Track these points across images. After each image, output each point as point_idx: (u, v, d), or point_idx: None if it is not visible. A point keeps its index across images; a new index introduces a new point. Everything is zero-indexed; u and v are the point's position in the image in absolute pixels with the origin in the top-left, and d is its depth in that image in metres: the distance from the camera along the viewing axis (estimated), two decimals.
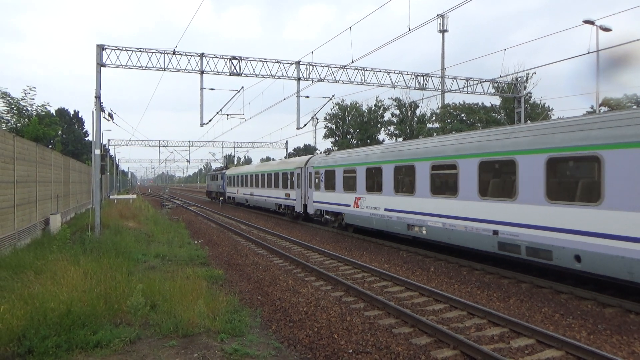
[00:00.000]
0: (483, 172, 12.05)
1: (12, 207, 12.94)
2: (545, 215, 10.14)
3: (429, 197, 14.09)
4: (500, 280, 11.47)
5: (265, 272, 12.55)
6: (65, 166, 23.21)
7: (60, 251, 11.82)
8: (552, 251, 9.99)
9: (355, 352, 6.78)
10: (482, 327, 8.05)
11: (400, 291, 10.59)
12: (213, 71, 21.10)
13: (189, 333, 7.07)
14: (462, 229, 12.65)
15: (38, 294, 7.50)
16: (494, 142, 11.79)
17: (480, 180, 12.10)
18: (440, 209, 13.55)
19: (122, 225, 19.65)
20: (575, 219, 9.48)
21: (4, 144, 12.34)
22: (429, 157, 14.09)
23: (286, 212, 28.37)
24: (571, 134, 9.74)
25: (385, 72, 24.11)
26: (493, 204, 11.63)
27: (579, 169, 10.20)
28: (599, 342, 7.30)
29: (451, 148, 13.28)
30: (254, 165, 40.33)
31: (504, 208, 11.29)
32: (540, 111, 37.52)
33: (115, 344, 6.49)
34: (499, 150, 11.52)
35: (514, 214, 10.99)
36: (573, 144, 9.57)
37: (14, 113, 22.56)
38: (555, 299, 9.72)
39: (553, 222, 9.95)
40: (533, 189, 10.42)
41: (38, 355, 6.03)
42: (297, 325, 8.04)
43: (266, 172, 32.12)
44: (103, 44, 18.91)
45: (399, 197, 15.81)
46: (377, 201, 17.12)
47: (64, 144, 47.12)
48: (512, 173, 11.11)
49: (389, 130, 52.87)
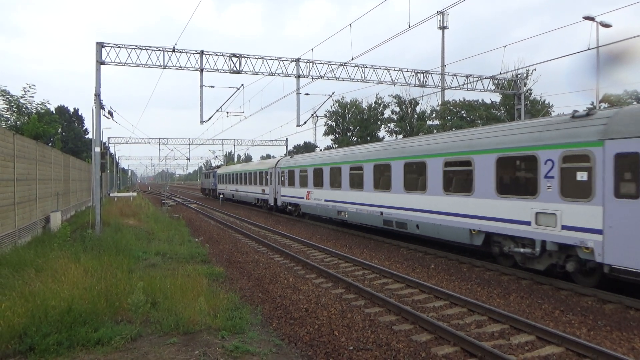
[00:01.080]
0: (377, 172, 17.48)
1: (13, 205, 12.94)
2: (404, 200, 15.67)
3: (349, 190, 19.62)
4: (501, 277, 11.49)
5: (266, 270, 12.56)
6: (66, 164, 23.21)
7: (61, 249, 11.84)
8: (407, 223, 15.54)
9: (355, 349, 6.79)
10: (483, 323, 8.07)
11: (401, 288, 10.61)
12: (213, 69, 21.06)
13: (189, 330, 7.09)
14: (366, 212, 18.22)
15: (39, 292, 7.51)
16: (381, 151, 17.56)
17: (374, 178, 17.57)
18: (354, 199, 19.14)
19: (122, 223, 19.67)
20: (416, 202, 14.97)
21: (4, 141, 12.33)
22: (348, 161, 19.84)
23: (262, 205, 33.97)
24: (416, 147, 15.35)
25: (385, 69, 24.08)
26: (381, 194, 17.07)
27: (418, 169, 15.09)
28: (599, 339, 7.32)
29: (359, 155, 19.12)
30: (239, 166, 45.50)
31: (386, 197, 16.74)
32: (541, 108, 37.50)
33: (116, 342, 6.51)
34: (382, 157, 17.20)
35: (390, 201, 16.46)
36: (417, 154, 15.12)
37: (14, 111, 22.53)
38: (555, 296, 9.74)
39: (407, 204, 15.49)
40: (399, 183, 15.92)
41: (39, 352, 6.05)
42: (297, 323, 8.05)
43: (248, 171, 37.67)
44: (102, 42, 18.88)
45: (332, 190, 21.33)
46: (320, 194, 22.67)
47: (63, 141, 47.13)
48: (387, 173, 16.66)
49: (389, 128, 52.85)
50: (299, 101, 23.86)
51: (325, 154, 24.36)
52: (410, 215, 15.22)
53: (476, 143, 12.56)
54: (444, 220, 13.59)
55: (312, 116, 33.46)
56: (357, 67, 23.45)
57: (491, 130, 12.59)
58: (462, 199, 12.91)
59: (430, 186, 14.22)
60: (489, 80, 26.93)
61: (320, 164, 22.63)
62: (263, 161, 39.51)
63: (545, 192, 10.32)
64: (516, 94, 28.00)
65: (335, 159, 21.31)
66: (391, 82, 24.39)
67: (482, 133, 12.81)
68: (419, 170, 14.93)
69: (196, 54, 20.80)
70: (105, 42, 19.01)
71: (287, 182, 27.31)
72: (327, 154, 23.76)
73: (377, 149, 18.09)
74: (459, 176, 13.26)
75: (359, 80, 23.69)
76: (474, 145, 12.62)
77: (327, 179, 21.70)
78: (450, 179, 13.54)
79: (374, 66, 23.85)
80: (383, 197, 16.83)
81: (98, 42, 18.74)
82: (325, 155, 23.34)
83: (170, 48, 20.26)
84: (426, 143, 14.92)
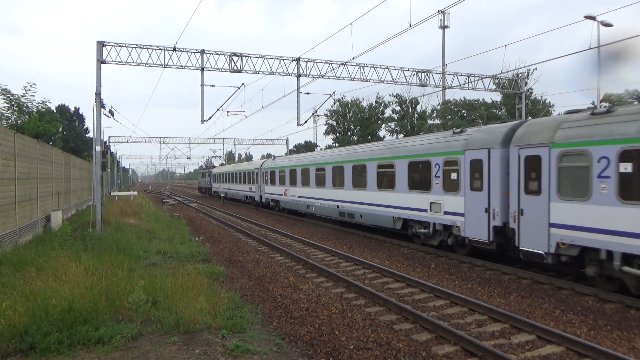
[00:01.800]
0: (335, 173, 21.28)
1: (14, 204, 12.95)
2: (352, 195, 19.59)
3: (315, 188, 23.37)
4: (501, 277, 11.49)
5: (266, 269, 12.57)
6: (66, 163, 23.23)
7: (62, 248, 11.85)
8: (354, 214, 19.41)
9: (356, 348, 6.80)
10: (483, 323, 8.07)
11: (401, 287, 10.61)
12: (213, 68, 21.06)
13: (190, 329, 7.10)
14: (327, 205, 22.07)
15: (40, 291, 7.52)
16: (337, 155, 21.56)
17: (333, 177, 21.34)
18: (319, 195, 22.93)
19: (123, 222, 19.68)
20: (360, 197, 18.81)
21: (5, 140, 12.34)
22: (315, 164, 23.53)
23: (250, 201, 37.89)
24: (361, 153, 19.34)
25: (386, 69, 24.07)
26: (337, 190, 21.03)
27: (362, 171, 18.73)
28: (599, 338, 7.32)
29: (322, 159, 23.12)
30: (231, 166, 49.93)
31: (341, 193, 20.64)
32: (542, 107, 37.46)
33: (117, 340, 6.52)
34: (338, 160, 21.09)
35: (343, 196, 20.33)
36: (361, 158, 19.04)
37: (15, 110, 22.56)
38: (555, 295, 9.74)
39: (354, 199, 19.32)
40: (349, 181, 19.73)
41: (40, 351, 6.06)
42: (298, 322, 8.05)
43: (238, 171, 41.70)
44: (103, 41, 18.88)
45: (303, 188, 25.01)
46: (294, 191, 26.36)
47: (64, 140, 47.15)
48: (341, 174, 20.51)
49: (390, 127, 52.80)
50: (299, 100, 23.88)
51: (298, 156, 28.57)
52: (356, 207, 19.17)
53: (397, 151, 16.45)
54: (377, 210, 17.55)
55: (313, 115, 33.50)
56: (357, 66, 23.45)
57: (406, 142, 16.86)
58: (388, 194, 16.75)
59: (369, 184, 18.17)
60: (490, 80, 26.92)
61: (295, 165, 26.50)
62: (250, 162, 43.64)
63: (435, 187, 14.29)
64: (517, 94, 27.98)
65: (304, 162, 25.26)
66: (392, 82, 24.38)
67: (400, 143, 17.13)
68: (362, 171, 18.74)
69: (197, 53, 20.80)
70: (105, 41, 19.01)
71: (270, 181, 31.32)
72: (299, 157, 28.11)
73: (335, 154, 22.28)
74: (387, 176, 17.01)
75: (360, 79, 23.69)
76: (396, 152, 16.52)
77: (299, 179, 25.49)
78: (382, 178, 17.38)
79: (375, 65, 23.84)
80: (339, 193, 20.84)
81: (99, 41, 18.74)
82: (298, 158, 27.39)
83: (171, 47, 20.26)
84: (367, 150, 18.92)
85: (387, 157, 16.88)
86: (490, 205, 12.11)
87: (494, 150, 12.06)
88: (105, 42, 18.97)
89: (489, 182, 12.20)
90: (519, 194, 11.16)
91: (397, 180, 16.10)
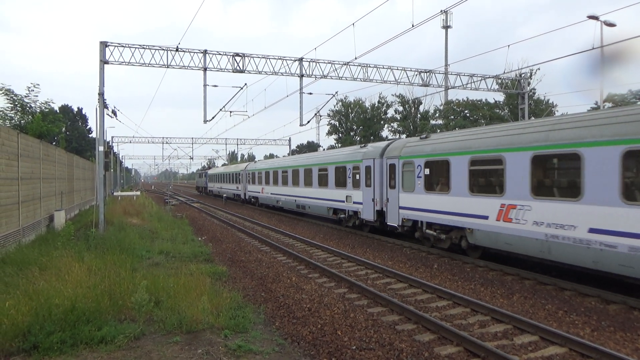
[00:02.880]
0: (294, 174, 26.58)
1: (17, 204, 13.00)
2: (304, 192, 25.07)
3: (281, 186, 29.21)
4: (504, 277, 11.46)
5: (269, 269, 12.57)
6: (69, 163, 23.29)
7: (65, 247, 11.89)
8: (305, 205, 24.95)
9: (358, 349, 6.79)
10: (486, 323, 8.06)
11: (404, 288, 10.60)
12: (216, 68, 21.10)
13: (192, 329, 7.11)
14: (287, 199, 27.88)
15: (43, 290, 7.54)
16: (296, 160, 27.55)
17: (292, 178, 26.84)
18: (283, 192, 28.75)
19: (126, 222, 19.72)
20: (309, 193, 24.37)
21: (9, 141, 12.38)
22: (280, 167, 29.65)
23: (237, 198, 44.20)
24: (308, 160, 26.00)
25: (388, 69, 24.06)
26: (296, 188, 26.21)
27: (309, 173, 24.30)
28: (602, 339, 7.29)
29: (285, 163, 29.35)
30: (222, 168, 57.05)
31: (298, 190, 25.87)
32: (545, 107, 37.37)
33: (119, 340, 6.53)
34: (294, 164, 26.80)
35: (299, 192, 25.70)
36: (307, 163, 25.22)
37: (18, 110, 22.60)
38: (559, 296, 9.71)
39: (306, 194, 24.79)
40: (302, 181, 25.14)
41: (43, 350, 6.08)
42: (300, 322, 8.05)
43: (228, 172, 48.38)
44: (106, 41, 18.93)
45: (273, 187, 30.83)
46: (268, 189, 32.28)
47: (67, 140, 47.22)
48: (297, 175, 25.89)
49: (392, 127, 52.76)
50: (302, 100, 23.91)
51: (271, 161, 35.66)
52: (306, 201, 24.85)
53: (330, 159, 22.49)
54: (319, 203, 23.32)
55: (316, 115, 33.63)
56: (360, 66, 23.46)
57: (331, 153, 24.24)
58: (325, 190, 22.50)
59: (313, 182, 23.77)
60: (493, 80, 26.87)
61: (268, 168, 32.57)
62: (237, 165, 50.56)
63: (349, 184, 19.99)
64: (520, 94, 27.91)
65: (275, 165, 31.50)
66: (394, 82, 24.38)
67: (328, 153, 25.34)
68: (309, 173, 24.30)
69: (199, 53, 20.83)
70: (108, 41, 19.06)
71: (251, 181, 37.55)
72: (271, 161, 35.09)
73: (294, 159, 28.90)
74: (323, 177, 22.71)
75: (362, 79, 23.69)
76: (329, 160, 22.49)
77: (271, 179, 31.39)
78: (321, 178, 22.93)
79: (377, 65, 23.84)
80: (296, 190, 26.24)
81: (102, 41, 18.79)
82: (271, 162, 34.19)
83: (174, 47, 20.29)
84: (312, 157, 25.83)
85: (323, 163, 22.79)
86: (374, 197, 17.87)
87: (377, 160, 17.82)
88: (108, 43, 19.01)
89: (373, 181, 17.96)
90: (387, 188, 17.04)
91: (329, 179, 21.98)
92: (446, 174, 13.65)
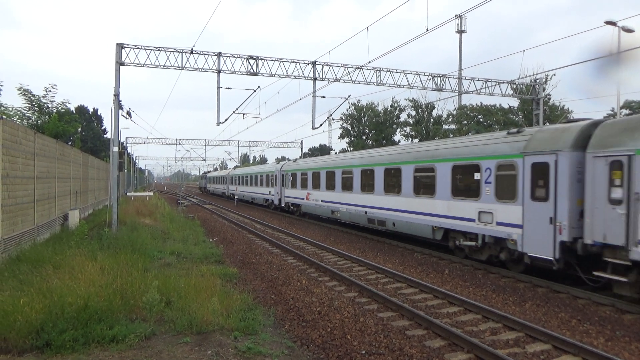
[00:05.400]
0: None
1: (32, 203, 13.18)
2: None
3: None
4: (516, 284, 11.33)
5: (279, 271, 12.58)
6: (84, 163, 23.58)
7: (78, 246, 12.02)
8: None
9: (368, 354, 6.76)
10: (497, 331, 7.97)
11: (414, 293, 10.53)
12: (230, 70, 21.21)
13: (203, 330, 7.13)
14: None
15: (56, 288, 7.63)
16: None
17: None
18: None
19: (138, 222, 19.89)
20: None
21: (26, 140, 12.58)
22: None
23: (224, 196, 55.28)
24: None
25: (402, 73, 23.98)
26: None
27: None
28: (617, 349, 7.17)
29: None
30: (216, 172, 74.91)
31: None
32: (560, 113, 36.93)
33: (130, 339, 6.58)
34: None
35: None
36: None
37: (35, 110, 22.97)
38: (572, 304, 9.57)
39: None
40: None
41: (55, 348, 6.15)
42: (310, 325, 8.04)
43: (220, 176, 61.24)
44: (122, 43, 19.14)
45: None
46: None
47: (83, 140, 47.79)
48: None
49: (405, 132, 52.53)
50: (314, 104, 23.89)
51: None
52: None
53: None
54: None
55: (328, 119, 33.49)
56: (373, 70, 23.40)
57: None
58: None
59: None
60: (507, 85, 26.63)
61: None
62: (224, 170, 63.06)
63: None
64: (534, 99, 27.64)
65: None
66: (408, 86, 24.27)
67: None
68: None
69: (214, 56, 20.97)
70: (125, 43, 19.28)
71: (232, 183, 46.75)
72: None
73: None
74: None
75: (376, 83, 23.63)
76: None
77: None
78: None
79: (391, 69, 23.78)
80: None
81: (118, 43, 19.00)
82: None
83: (189, 49, 20.46)
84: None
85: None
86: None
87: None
88: (124, 44, 19.23)
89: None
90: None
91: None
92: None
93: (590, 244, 9.69)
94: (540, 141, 11.14)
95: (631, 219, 8.88)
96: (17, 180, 11.74)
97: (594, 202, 9.65)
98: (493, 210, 12.26)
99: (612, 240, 9.20)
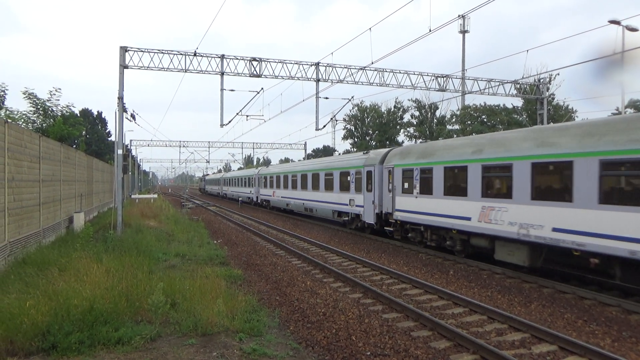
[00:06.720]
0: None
1: (38, 205, 13.25)
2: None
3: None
4: (522, 285, 11.29)
5: (284, 273, 12.59)
6: (89, 165, 23.68)
7: (84, 249, 12.06)
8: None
9: (373, 355, 6.75)
10: (503, 332, 7.94)
11: (419, 294, 10.51)
12: (233, 72, 21.24)
13: (208, 332, 7.14)
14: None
15: (62, 291, 7.65)
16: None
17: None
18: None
19: (143, 224, 19.94)
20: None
21: (31, 143, 12.65)
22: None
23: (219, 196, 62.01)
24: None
25: (405, 74, 23.95)
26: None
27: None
28: (623, 350, 7.13)
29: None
30: (212, 174, 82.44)
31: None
32: (564, 113, 36.81)
33: (136, 341, 6.59)
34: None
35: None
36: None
37: (40, 113, 23.10)
38: (578, 305, 9.53)
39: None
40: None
41: (61, 350, 6.16)
42: (315, 326, 8.04)
43: (215, 178, 67.47)
44: (126, 46, 19.22)
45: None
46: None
47: (87, 143, 47.99)
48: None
49: (409, 132, 52.49)
50: (318, 105, 23.91)
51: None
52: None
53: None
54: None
55: (331, 120, 33.44)
56: (376, 71, 23.39)
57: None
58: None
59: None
60: (511, 85, 26.57)
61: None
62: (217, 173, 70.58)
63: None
64: (538, 99, 27.56)
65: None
66: (411, 87, 24.24)
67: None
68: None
69: (217, 58, 21.02)
70: (128, 46, 19.34)
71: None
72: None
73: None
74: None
75: (379, 84, 23.62)
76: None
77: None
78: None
79: (394, 70, 23.76)
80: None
81: (122, 46, 19.08)
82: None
83: (192, 52, 20.52)
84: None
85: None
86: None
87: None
88: (128, 47, 19.30)
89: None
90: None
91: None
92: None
93: (385, 213, 18.46)
94: (370, 159, 19.94)
95: (394, 199, 17.42)
96: (23, 184, 11.80)
97: (383, 191, 18.68)
98: (354, 198, 20.88)
99: (389, 210, 17.96)
